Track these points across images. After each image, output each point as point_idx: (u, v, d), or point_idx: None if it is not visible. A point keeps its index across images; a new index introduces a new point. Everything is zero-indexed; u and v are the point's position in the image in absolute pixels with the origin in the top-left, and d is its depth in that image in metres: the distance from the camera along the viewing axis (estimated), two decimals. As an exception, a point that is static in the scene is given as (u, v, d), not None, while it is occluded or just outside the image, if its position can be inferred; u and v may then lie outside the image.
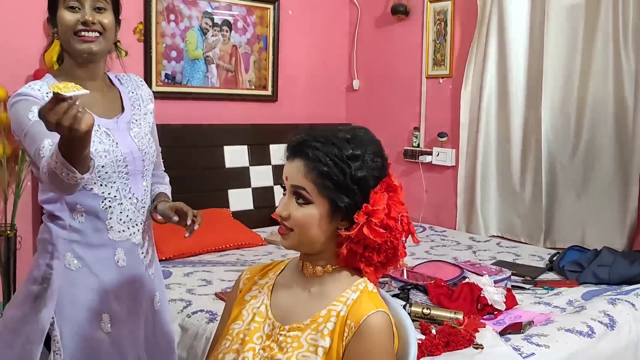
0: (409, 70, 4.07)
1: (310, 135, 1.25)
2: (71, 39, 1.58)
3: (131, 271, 1.69)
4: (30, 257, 3.09)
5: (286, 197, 1.26)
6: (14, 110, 1.55)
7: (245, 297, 1.37)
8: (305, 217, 1.23)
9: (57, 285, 1.59)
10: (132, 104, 1.76)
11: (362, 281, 1.28)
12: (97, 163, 1.56)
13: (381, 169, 1.27)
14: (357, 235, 1.23)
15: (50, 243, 1.61)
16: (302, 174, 1.22)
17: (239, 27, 3.82)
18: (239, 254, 3.24)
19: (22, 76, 2.99)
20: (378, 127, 4.26)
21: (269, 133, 3.95)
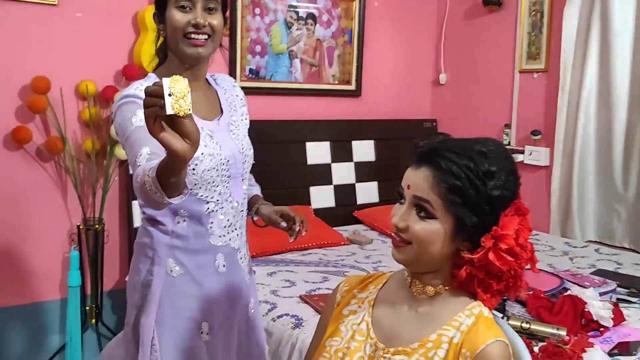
0: (500, 64, 3.86)
1: (443, 143, 1.14)
2: (180, 41, 1.53)
3: (230, 277, 1.65)
4: (117, 251, 3.15)
5: (405, 207, 1.14)
6: (119, 112, 1.51)
7: (343, 312, 1.27)
8: (426, 232, 1.12)
9: (159, 292, 1.56)
10: (229, 104, 1.71)
11: (476, 305, 1.16)
12: (203, 167, 1.51)
13: (515, 189, 1.14)
14: (480, 259, 1.11)
15: (150, 248, 1.58)
16: (429, 185, 1.11)
17: (323, 20, 3.73)
18: (321, 253, 3.17)
19: (111, 72, 3.02)
20: (466, 123, 4.10)
21: (351, 129, 3.85)
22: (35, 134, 2.84)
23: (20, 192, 2.86)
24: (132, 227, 3.05)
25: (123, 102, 1.51)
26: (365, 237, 3.42)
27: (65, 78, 2.87)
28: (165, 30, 1.56)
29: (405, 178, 1.16)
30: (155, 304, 1.55)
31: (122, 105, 1.50)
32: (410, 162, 1.16)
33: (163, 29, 1.57)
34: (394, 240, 1.17)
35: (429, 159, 1.12)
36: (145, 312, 1.56)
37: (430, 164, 1.12)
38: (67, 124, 2.88)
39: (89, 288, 3.01)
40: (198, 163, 1.51)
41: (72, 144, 2.93)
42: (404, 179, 1.16)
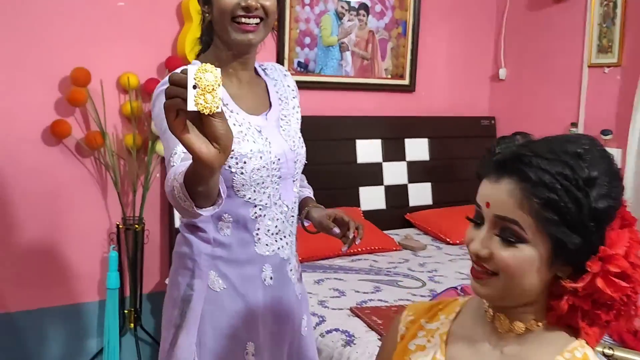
0: (567, 58, 3.56)
1: (527, 147, 0.90)
2: (228, 25, 1.36)
3: (279, 291, 1.49)
4: (157, 252, 3.01)
5: (484, 230, 0.92)
6: (157, 102, 1.35)
7: (409, 346, 1.06)
8: (517, 261, 0.89)
9: (199, 309, 1.40)
10: (279, 97, 1.53)
11: (578, 345, 0.94)
12: (252, 166, 1.36)
13: (620, 196, 0.91)
14: (586, 287, 0.88)
15: (190, 259, 1.42)
16: (516, 202, 0.88)
17: (376, 11, 3.51)
18: (371, 259, 2.96)
19: (154, 64, 2.87)
20: (527, 121, 3.81)
21: (405, 126, 3.63)
22: (75, 128, 2.71)
23: (59, 189, 2.74)
24: (174, 228, 2.90)
25: (161, 90, 1.34)
26: (418, 243, 3.20)
27: (106, 70, 2.73)
28: (211, 12, 1.39)
29: (481, 194, 0.94)
30: (196, 322, 1.41)
31: (161, 95, 1.33)
32: (485, 172, 0.94)
33: (208, 10, 1.40)
34: (473, 270, 0.95)
35: (512, 168, 0.89)
36: (184, 331, 1.41)
37: (514, 175, 0.89)
38: (108, 118, 2.74)
39: (127, 290, 2.87)
40: (247, 161, 1.36)
41: (112, 139, 2.80)
42: (480, 195, 0.94)
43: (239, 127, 1.38)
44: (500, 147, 0.93)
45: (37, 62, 2.62)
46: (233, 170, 1.35)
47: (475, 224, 0.94)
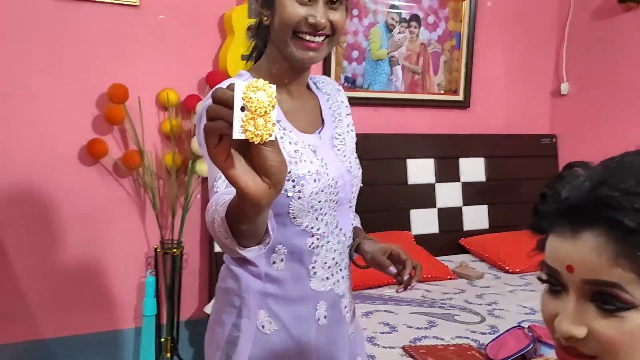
0: (636, 70, 3.28)
1: (607, 184, 0.67)
2: (289, 38, 1.20)
3: (332, 331, 1.34)
4: (196, 278, 2.85)
5: (572, 301, 0.69)
6: (202, 120, 1.18)
7: None
8: (626, 336, 0.66)
9: (247, 352, 1.26)
10: (332, 114, 1.36)
11: None
12: (310, 189, 1.21)
13: None
14: None
15: (237, 295, 1.27)
16: (610, 259, 0.65)
17: (429, 23, 3.31)
18: (424, 288, 2.74)
19: (195, 79, 2.74)
20: (593, 139, 3.52)
21: (459, 144, 3.40)
22: (112, 148, 2.60)
23: (95, 211, 2.63)
24: (214, 253, 2.74)
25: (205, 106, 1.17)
26: (475, 271, 2.96)
27: (144, 86, 2.61)
28: (271, 18, 1.23)
29: (556, 255, 0.71)
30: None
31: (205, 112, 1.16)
32: (550, 225, 0.72)
33: (268, 14, 1.23)
34: (563, 355, 0.71)
35: (594, 216, 0.67)
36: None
37: (598, 225, 0.67)
38: (146, 136, 2.62)
39: (164, 317, 2.72)
40: (304, 184, 1.21)
41: (151, 159, 2.67)
42: (555, 256, 0.71)
43: (295, 145, 1.24)
44: (567, 191, 0.71)
45: (74, 79, 2.53)
46: (290, 194, 1.20)
47: (552, 291, 0.72)
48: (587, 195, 0.68)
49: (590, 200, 0.67)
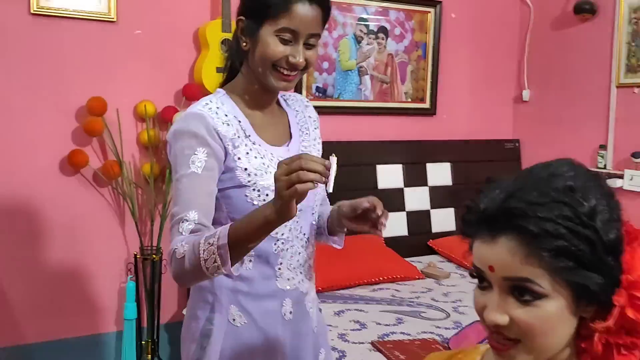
0: (594, 78, 3.47)
1: (515, 197, 0.81)
2: (268, 70, 1.32)
3: (297, 326, 1.45)
4: (175, 283, 2.94)
5: (495, 295, 0.83)
6: (178, 141, 1.31)
7: None
8: (540, 321, 0.80)
9: (219, 344, 1.37)
10: (300, 128, 1.49)
11: None
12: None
13: (621, 215, 0.84)
14: (617, 321, 0.81)
15: (210, 292, 1.38)
16: (522, 259, 0.79)
17: (395, 34, 3.46)
18: (393, 288, 2.88)
19: (171, 91, 2.85)
20: (553, 144, 3.70)
21: (426, 150, 3.55)
22: (92, 158, 2.70)
23: (76, 219, 2.72)
24: (191, 257, 2.85)
25: (183, 130, 1.31)
26: (442, 271, 3.11)
27: (122, 99, 2.72)
28: (252, 46, 1.34)
29: (480, 257, 0.84)
30: (216, 357, 1.37)
31: (181, 137, 1.31)
32: (474, 232, 0.85)
33: (249, 42, 1.34)
34: (494, 343, 0.85)
35: (506, 224, 0.81)
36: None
37: (510, 231, 0.81)
38: (125, 147, 2.72)
39: (145, 321, 2.82)
40: (269, 194, 1.32)
41: (129, 168, 2.77)
42: (479, 258, 0.84)
43: (262, 159, 1.36)
44: (484, 202, 0.84)
45: (54, 92, 2.63)
46: (255, 202, 1.33)
47: (480, 287, 0.86)
48: (500, 206, 0.82)
49: (503, 211, 0.81)
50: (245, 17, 1.33)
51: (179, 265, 1.21)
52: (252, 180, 1.32)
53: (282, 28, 1.28)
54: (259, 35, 1.31)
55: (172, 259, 1.24)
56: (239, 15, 1.35)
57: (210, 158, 1.28)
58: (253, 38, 1.32)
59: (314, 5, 1.29)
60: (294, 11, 1.27)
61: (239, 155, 1.32)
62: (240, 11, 1.36)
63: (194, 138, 1.28)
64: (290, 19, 1.27)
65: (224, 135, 1.31)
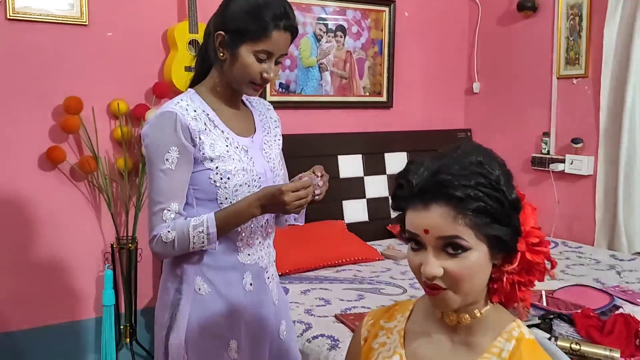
0: (537, 70, 3.75)
1: (441, 172, 1.02)
2: (244, 83, 1.55)
3: (258, 297, 1.64)
4: (150, 269, 3.13)
5: (429, 253, 1.03)
6: (152, 136, 1.51)
7: (373, 345, 1.19)
8: (467, 268, 1.01)
9: (187, 310, 1.55)
10: (262, 125, 1.70)
11: (514, 326, 1.08)
12: (235, 181, 1.55)
13: (512, 180, 1.07)
14: (520, 264, 1.05)
15: (179, 267, 1.57)
16: (451, 220, 1.00)
17: (353, 32, 3.68)
18: (355, 269, 3.09)
19: (142, 90, 3.01)
20: (502, 132, 3.99)
21: (384, 141, 3.78)
22: (69, 154, 2.84)
23: (55, 212, 2.87)
24: (165, 246, 3.02)
25: (158, 127, 1.50)
26: (400, 252, 3.34)
27: (96, 97, 2.87)
28: (230, 60, 1.54)
29: (414, 224, 1.03)
30: (185, 323, 1.54)
31: (156, 133, 1.50)
32: (407, 204, 1.05)
33: (226, 55, 1.54)
34: (429, 291, 1.05)
35: (436, 193, 1.01)
36: (174, 332, 1.55)
37: (440, 199, 1.01)
38: (100, 143, 2.88)
39: (123, 307, 2.99)
40: (230, 177, 1.54)
41: (104, 163, 2.93)
42: (413, 224, 1.04)
43: (227, 146, 1.56)
44: (414, 179, 1.04)
45: (31, 93, 2.76)
46: (218, 184, 1.53)
47: (413, 249, 1.06)
48: (430, 180, 1.03)
49: (433, 183, 1.02)
50: (226, 33, 1.52)
51: (164, 248, 1.49)
52: (215, 166, 1.53)
53: (260, 50, 1.50)
54: (238, 52, 1.51)
55: (156, 242, 1.50)
56: (218, 29, 1.53)
57: (182, 154, 1.48)
58: (231, 52, 1.52)
59: (287, 33, 1.52)
60: (272, 37, 1.49)
61: (204, 145, 1.51)
62: (220, 27, 1.53)
63: (167, 136, 1.48)
64: (268, 43, 1.50)
65: (194, 129, 1.50)
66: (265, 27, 1.48)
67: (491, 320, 1.09)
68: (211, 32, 1.57)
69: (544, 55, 3.70)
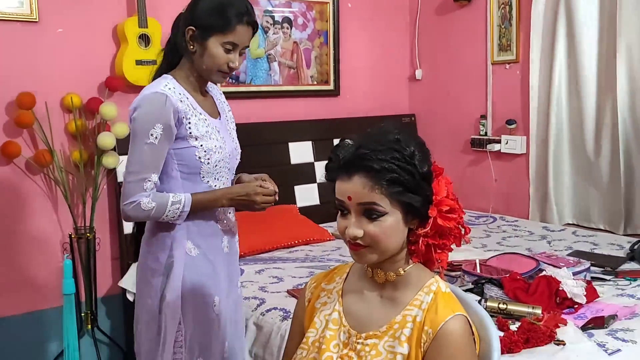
0: (473, 57, 3.97)
1: (363, 147, 1.19)
2: (213, 73, 1.78)
3: (231, 257, 1.94)
4: (108, 258, 3.23)
5: (352, 217, 1.20)
6: (141, 114, 1.70)
7: (316, 305, 1.35)
8: (383, 231, 1.19)
9: (181, 271, 1.77)
10: (222, 109, 1.94)
11: (433, 281, 1.26)
12: (216, 158, 1.79)
13: (430, 156, 1.25)
14: (432, 228, 1.22)
15: (169, 237, 1.79)
16: (370, 188, 1.17)
17: (299, 24, 3.83)
18: (307, 250, 3.26)
19: (95, 84, 3.10)
20: (443, 116, 4.21)
21: (332, 128, 3.94)
22: (24, 148, 2.91)
23: (13, 206, 2.94)
24: (123, 234, 3.13)
25: (148, 105, 1.70)
26: (350, 232, 3.51)
27: (50, 92, 2.95)
28: (200, 51, 1.75)
29: (340, 191, 1.20)
30: (179, 282, 1.77)
31: (146, 109, 1.70)
32: (335, 175, 1.22)
33: (195, 46, 1.76)
34: (352, 248, 1.22)
35: (358, 165, 1.18)
36: (170, 289, 1.76)
37: (361, 170, 1.18)
38: (54, 136, 2.96)
39: (83, 295, 3.08)
40: (212, 155, 1.78)
41: (60, 156, 3.01)
42: (341, 192, 1.21)
43: (207, 127, 1.79)
44: (342, 153, 1.22)
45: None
46: (202, 160, 1.77)
47: (342, 215, 1.23)
48: (353, 153, 1.20)
49: (355, 157, 1.20)
50: (196, 28, 1.74)
51: (140, 213, 1.70)
52: (200, 143, 1.76)
53: (227, 42, 1.73)
54: (207, 45, 1.73)
55: (134, 207, 1.69)
56: (188, 25, 1.75)
57: (165, 132, 1.69)
58: (201, 44, 1.74)
59: (250, 27, 1.77)
60: (236, 30, 1.73)
61: (191, 124, 1.74)
62: (190, 22, 1.75)
63: (156, 113, 1.68)
64: (233, 35, 1.73)
65: (181, 110, 1.72)
66: (230, 22, 1.71)
67: (413, 277, 1.27)
68: (180, 28, 1.78)
69: (479, 43, 3.92)
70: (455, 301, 1.24)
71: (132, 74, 3.04)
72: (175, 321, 1.76)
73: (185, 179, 1.77)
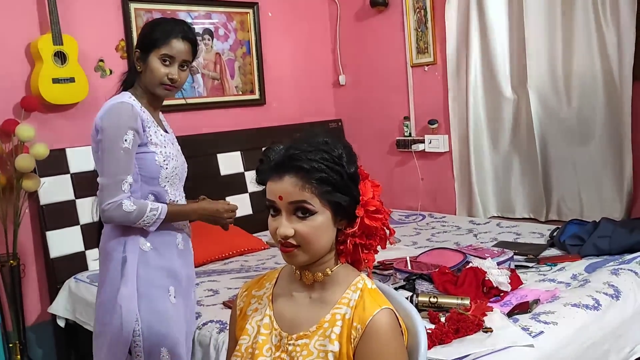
0: (393, 61, 4.08)
1: (293, 148, 1.22)
2: (156, 86, 1.92)
3: (186, 254, 2.07)
4: (35, 284, 3.12)
5: (283, 217, 1.22)
6: (113, 121, 1.83)
7: (247, 312, 1.36)
8: (313, 229, 1.21)
9: (135, 265, 1.89)
10: (167, 127, 2.08)
11: (359, 279, 1.29)
12: (173, 164, 1.95)
13: (356, 160, 1.29)
14: (360, 227, 1.26)
15: (123, 236, 1.90)
16: (300, 188, 1.20)
17: (220, 35, 3.83)
18: (242, 260, 3.26)
19: (10, 105, 2.99)
20: (368, 119, 4.30)
21: (260, 137, 3.94)
22: None
23: None
24: (49, 258, 3.03)
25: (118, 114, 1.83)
26: (284, 239, 3.53)
27: (-39, 116, 2.82)
28: (143, 69, 1.93)
29: (271, 192, 1.23)
30: (134, 276, 1.88)
31: (117, 118, 1.82)
32: (266, 177, 1.25)
33: (141, 66, 1.93)
34: (283, 248, 1.24)
35: (289, 166, 1.21)
36: (124, 283, 1.87)
37: (291, 171, 1.21)
38: (-31, 162, 2.83)
39: (10, 325, 2.96)
40: (170, 161, 1.94)
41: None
42: (272, 193, 1.23)
43: (163, 137, 1.95)
44: (272, 155, 1.25)
45: None
46: (162, 165, 1.92)
47: (272, 215, 1.25)
48: (284, 154, 1.23)
49: (287, 157, 1.22)
50: (140, 50, 1.93)
51: (121, 214, 1.82)
52: (160, 150, 1.91)
53: (163, 54, 1.89)
54: (148, 61, 1.91)
55: (115, 207, 1.81)
56: (135, 48, 1.95)
57: (134, 138, 1.84)
58: (144, 63, 1.92)
59: (185, 41, 1.92)
60: (171, 43, 1.90)
61: (151, 133, 1.90)
62: (137, 46, 1.95)
63: (125, 121, 1.83)
64: (169, 48, 1.90)
65: (144, 119, 1.88)
66: (164, 36, 1.89)
67: (341, 276, 1.30)
68: (133, 53, 1.98)
69: (398, 46, 4.04)
70: (382, 296, 1.28)
71: (49, 93, 2.96)
72: (132, 313, 1.86)
73: (144, 182, 1.89)
